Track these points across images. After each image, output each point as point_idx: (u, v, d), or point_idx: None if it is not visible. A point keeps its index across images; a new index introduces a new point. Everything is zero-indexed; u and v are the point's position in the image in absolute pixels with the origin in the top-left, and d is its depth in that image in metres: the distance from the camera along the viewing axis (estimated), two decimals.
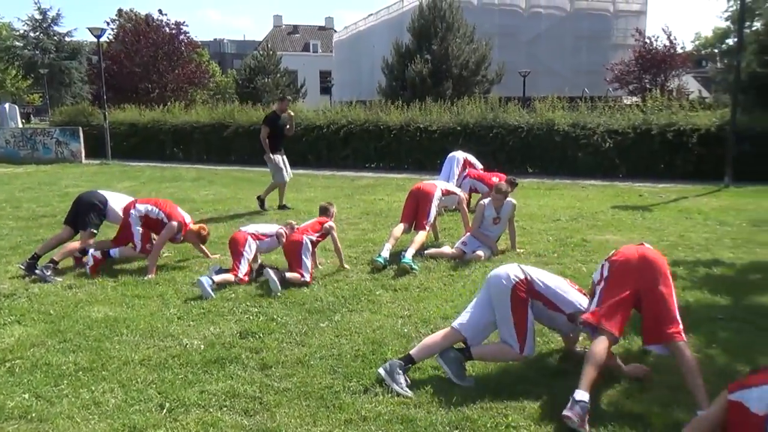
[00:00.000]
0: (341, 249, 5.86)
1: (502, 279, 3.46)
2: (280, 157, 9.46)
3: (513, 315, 3.41)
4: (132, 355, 3.80)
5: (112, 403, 3.21)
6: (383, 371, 3.38)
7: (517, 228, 6.76)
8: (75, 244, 5.92)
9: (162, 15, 31.82)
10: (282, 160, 9.50)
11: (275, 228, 5.80)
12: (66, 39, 48.23)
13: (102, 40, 20.73)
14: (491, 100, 16.96)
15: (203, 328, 4.29)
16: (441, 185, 6.78)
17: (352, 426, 3.00)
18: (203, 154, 18.23)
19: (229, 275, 5.33)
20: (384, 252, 5.89)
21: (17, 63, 44.21)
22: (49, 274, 5.52)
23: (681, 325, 3.21)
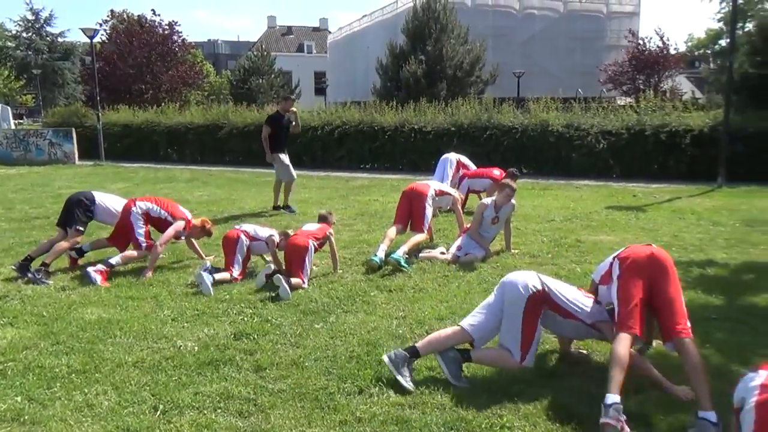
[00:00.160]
0: (338, 255, 5.86)
1: (519, 287, 3.41)
2: (283, 157, 9.32)
3: (523, 325, 3.38)
4: (125, 357, 3.78)
5: (105, 406, 3.19)
6: (388, 359, 3.39)
7: (512, 228, 6.77)
8: (64, 244, 5.87)
9: (155, 15, 31.66)
10: (286, 159, 9.34)
11: (268, 232, 5.74)
12: (59, 40, 48.22)
13: (95, 40, 20.64)
14: (485, 100, 17.00)
15: (197, 329, 4.27)
16: (434, 185, 6.79)
17: (347, 427, 2.99)
18: (197, 155, 18.19)
19: (226, 273, 5.38)
20: (379, 252, 5.89)
21: (9, 64, 44.12)
22: (40, 276, 5.49)
23: (688, 323, 3.22)
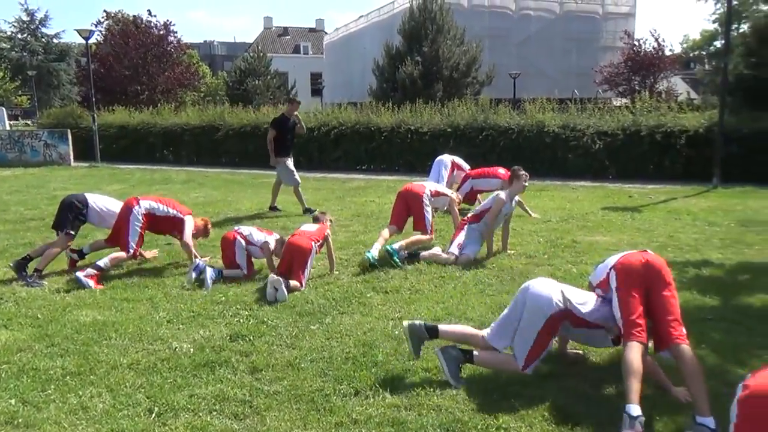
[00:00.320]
0: (334, 256, 5.85)
1: (542, 302, 3.38)
2: (289, 161, 9.21)
3: (537, 337, 3.37)
4: (120, 359, 3.77)
5: (100, 408, 3.18)
6: (408, 328, 3.56)
7: (509, 229, 6.76)
8: (55, 249, 5.77)
9: (151, 16, 31.60)
10: (291, 163, 9.25)
11: (263, 237, 5.70)
12: (54, 41, 47.98)
13: (90, 41, 20.58)
14: (482, 101, 17.02)
15: (193, 331, 4.26)
16: (430, 185, 6.79)
17: (342, 429, 2.99)
18: (193, 156, 18.14)
19: (237, 271, 5.57)
20: (373, 250, 5.92)
21: (4, 65, 43.93)
22: (32, 280, 5.46)
23: (684, 329, 3.22)
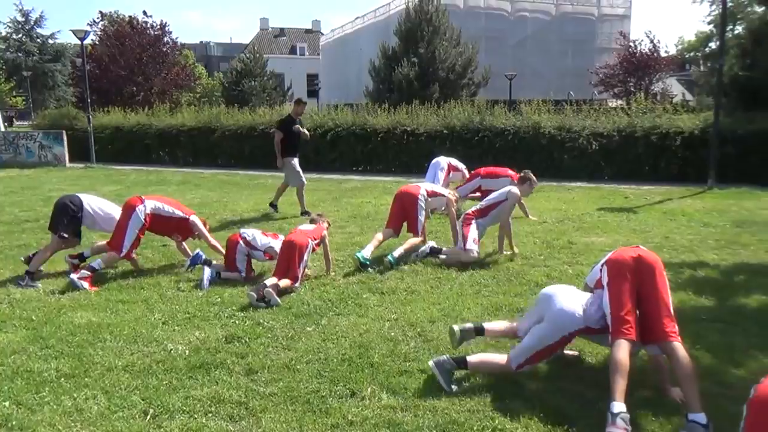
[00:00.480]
0: (331, 257, 5.84)
1: (566, 321, 3.37)
2: (295, 161, 9.10)
3: (546, 347, 3.39)
4: (115, 361, 3.76)
5: (94, 410, 3.17)
6: (434, 365, 3.43)
7: None
8: (46, 252, 5.74)
9: (147, 17, 31.49)
10: (287, 165, 9.08)
11: (268, 241, 5.68)
12: (49, 41, 47.90)
13: (86, 42, 20.51)
14: (478, 103, 17.05)
15: (188, 333, 4.25)
16: (426, 186, 6.77)
17: (338, 430, 2.98)
18: (189, 157, 18.09)
19: (236, 274, 5.57)
20: (365, 251, 5.93)
21: None
22: (25, 282, 5.43)
23: (677, 326, 3.21)
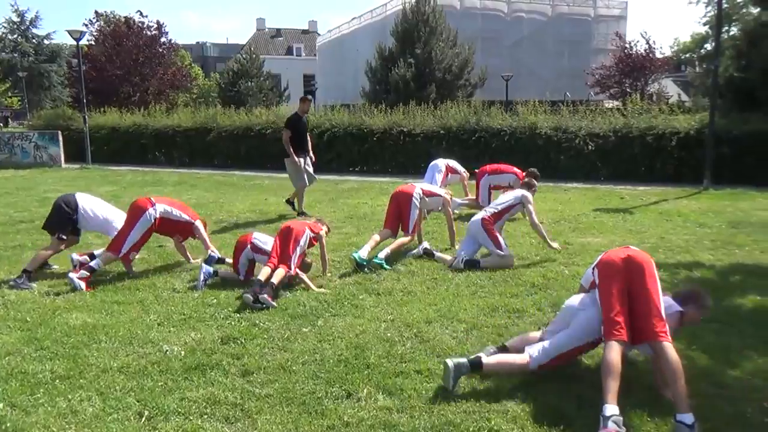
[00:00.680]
0: (328, 257, 5.83)
1: (595, 324, 3.38)
2: (302, 161, 9.04)
3: (572, 349, 3.42)
4: (110, 363, 3.74)
5: (89, 412, 3.15)
6: (452, 365, 3.35)
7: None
8: (46, 252, 5.74)
9: (143, 17, 31.42)
10: (304, 163, 9.07)
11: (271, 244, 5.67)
12: (45, 42, 47.72)
13: (82, 42, 20.45)
14: (474, 103, 17.03)
15: (184, 334, 4.24)
16: (421, 185, 6.76)
17: None
18: (186, 158, 18.07)
19: (235, 275, 5.57)
20: (361, 251, 5.93)
21: None
22: (22, 281, 5.41)
23: (667, 326, 3.21)
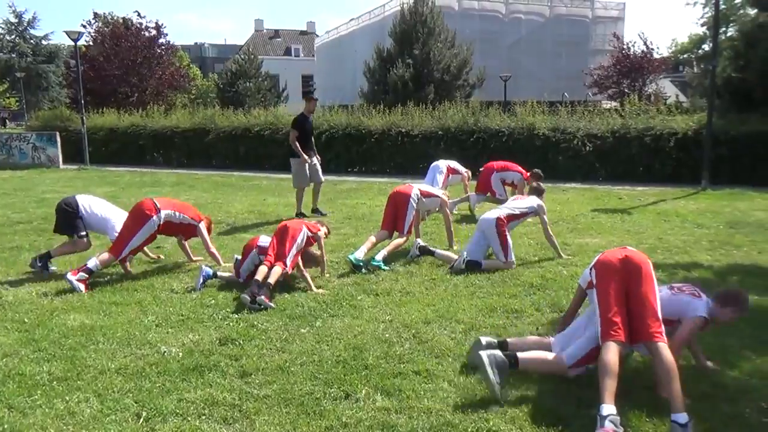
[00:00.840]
0: (326, 258, 5.83)
1: None
2: (308, 161, 8.96)
3: (596, 346, 3.42)
4: (108, 364, 3.73)
5: (87, 413, 3.14)
6: (486, 358, 3.26)
7: None
8: (73, 249, 5.96)
9: (141, 18, 31.42)
10: (311, 163, 8.99)
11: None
12: (43, 42, 47.66)
13: (80, 43, 20.43)
14: (472, 104, 17.07)
15: (182, 335, 4.23)
16: (419, 186, 6.74)
17: None
18: (184, 158, 18.07)
19: (234, 276, 5.54)
20: (358, 253, 5.92)
21: None
22: (42, 264, 5.75)
23: (663, 327, 3.22)
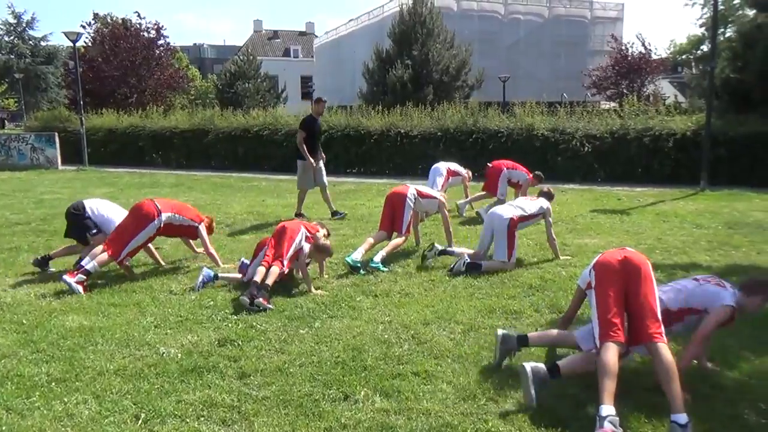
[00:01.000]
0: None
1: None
2: (313, 165, 8.86)
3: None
4: (107, 365, 3.73)
5: (85, 415, 3.14)
6: (530, 370, 3.22)
7: None
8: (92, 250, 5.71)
9: (140, 18, 31.41)
10: (317, 166, 8.91)
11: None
12: (42, 43, 47.67)
13: (78, 44, 20.43)
14: (471, 105, 17.08)
15: (181, 336, 4.22)
16: (416, 186, 6.71)
17: None
18: (183, 159, 18.08)
19: (238, 276, 5.54)
20: (355, 254, 5.91)
21: None
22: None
23: (662, 327, 3.22)
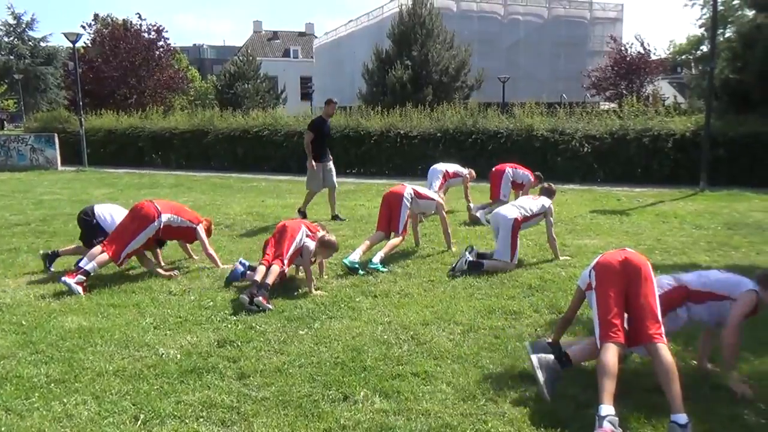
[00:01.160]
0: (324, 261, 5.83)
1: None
2: (322, 165, 8.89)
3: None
4: (106, 366, 3.72)
5: (84, 416, 3.14)
6: (537, 360, 3.35)
7: None
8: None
9: (141, 20, 31.44)
10: (326, 167, 8.95)
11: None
12: (41, 44, 47.71)
13: (78, 45, 20.44)
14: (471, 105, 17.10)
15: (180, 337, 4.22)
16: (412, 186, 6.71)
17: None
18: (182, 160, 18.09)
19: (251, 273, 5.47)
20: (353, 255, 5.91)
21: None
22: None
23: (663, 328, 3.22)
